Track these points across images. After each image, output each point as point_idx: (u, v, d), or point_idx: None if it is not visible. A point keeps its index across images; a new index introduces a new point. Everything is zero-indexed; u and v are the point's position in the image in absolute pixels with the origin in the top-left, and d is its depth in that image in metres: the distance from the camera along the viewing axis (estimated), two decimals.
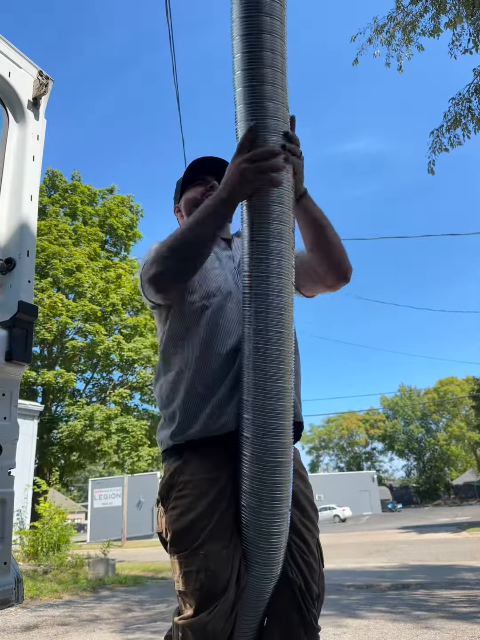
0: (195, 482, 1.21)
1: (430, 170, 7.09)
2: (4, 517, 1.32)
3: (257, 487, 1.11)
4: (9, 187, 1.53)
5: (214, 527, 1.15)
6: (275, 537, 1.13)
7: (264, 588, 1.18)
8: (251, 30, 1.11)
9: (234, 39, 1.15)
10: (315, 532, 1.34)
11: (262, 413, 1.10)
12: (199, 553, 1.14)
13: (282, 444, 1.11)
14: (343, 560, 9.70)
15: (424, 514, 30.51)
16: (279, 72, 1.13)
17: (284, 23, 1.16)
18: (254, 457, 1.11)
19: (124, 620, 4.65)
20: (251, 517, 1.13)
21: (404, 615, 4.09)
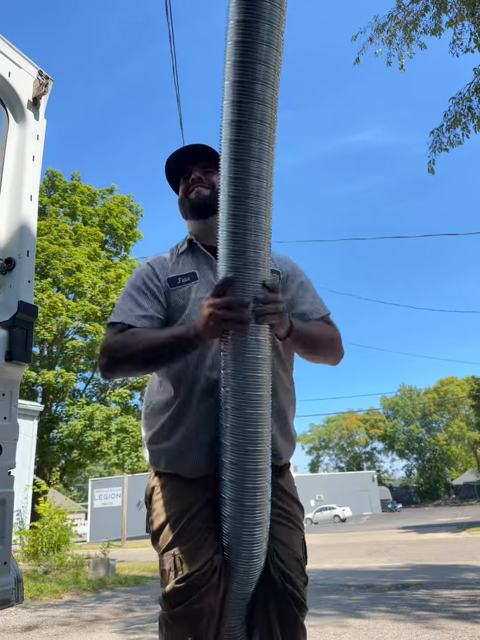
0: (170, 485, 1.30)
1: (430, 170, 7.09)
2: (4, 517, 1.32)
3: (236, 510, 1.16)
4: (9, 187, 1.53)
5: (184, 529, 1.22)
6: (256, 545, 1.17)
7: (248, 580, 1.21)
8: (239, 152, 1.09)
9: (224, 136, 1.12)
10: (302, 529, 1.38)
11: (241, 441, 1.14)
12: (170, 554, 1.21)
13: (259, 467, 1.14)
14: (343, 560, 9.69)
15: (424, 514, 30.49)
16: (263, 200, 1.11)
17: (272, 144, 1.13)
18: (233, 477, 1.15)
19: (125, 620, 4.64)
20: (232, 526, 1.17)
21: (405, 615, 4.09)
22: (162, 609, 1.19)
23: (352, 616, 4.18)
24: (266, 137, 1.09)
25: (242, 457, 1.12)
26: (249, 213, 1.09)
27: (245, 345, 1.11)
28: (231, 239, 1.10)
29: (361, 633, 3.56)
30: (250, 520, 1.14)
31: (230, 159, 1.09)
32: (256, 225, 1.09)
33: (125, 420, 18.44)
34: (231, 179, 1.09)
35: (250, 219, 1.09)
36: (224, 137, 1.11)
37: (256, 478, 1.13)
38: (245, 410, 1.12)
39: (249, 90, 1.06)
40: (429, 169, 7.06)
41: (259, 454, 1.13)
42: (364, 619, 4.05)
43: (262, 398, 1.13)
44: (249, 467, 1.12)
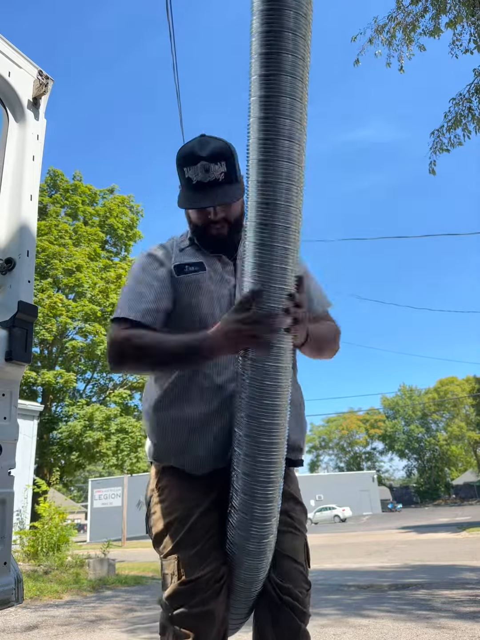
0: (172, 487, 1.26)
1: (431, 171, 7.10)
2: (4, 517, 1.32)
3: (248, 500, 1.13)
4: (9, 187, 1.53)
5: (187, 532, 1.19)
6: (264, 539, 1.16)
7: (254, 578, 1.20)
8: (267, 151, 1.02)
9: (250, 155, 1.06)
10: (304, 533, 1.35)
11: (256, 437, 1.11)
12: (172, 557, 1.18)
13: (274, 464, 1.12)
14: (343, 560, 9.70)
15: (424, 514, 30.49)
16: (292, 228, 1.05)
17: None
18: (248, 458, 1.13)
19: (126, 619, 4.65)
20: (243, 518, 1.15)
21: (405, 615, 4.09)
22: (164, 611, 1.17)
23: (352, 616, 4.18)
24: (296, 136, 1.02)
25: (256, 449, 1.10)
26: (278, 223, 1.02)
27: (267, 369, 1.07)
28: (258, 250, 1.04)
29: (361, 633, 3.56)
30: (261, 514, 1.12)
31: (258, 160, 1.03)
32: (285, 237, 1.04)
33: (124, 421, 18.43)
34: (260, 182, 1.03)
35: (279, 229, 1.03)
36: (252, 134, 1.04)
37: (270, 471, 1.11)
38: (261, 420, 1.08)
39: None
40: (430, 169, 7.07)
41: (273, 450, 1.10)
42: (364, 618, 4.05)
43: (281, 408, 1.10)
44: (262, 459, 1.10)
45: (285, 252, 1.04)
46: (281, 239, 1.03)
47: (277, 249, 1.03)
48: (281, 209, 1.02)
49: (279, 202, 1.02)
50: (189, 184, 1.30)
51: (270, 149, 1.01)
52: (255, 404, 1.08)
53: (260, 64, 1.01)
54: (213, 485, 1.24)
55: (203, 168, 1.27)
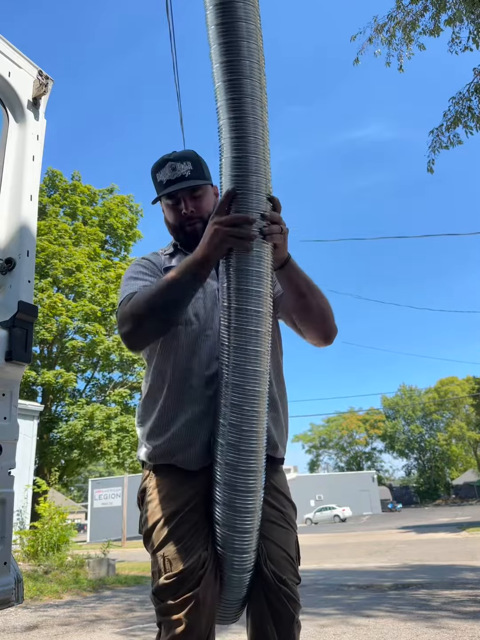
0: (161, 487, 1.29)
1: (429, 169, 7.10)
2: (4, 517, 1.32)
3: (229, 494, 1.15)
4: (9, 187, 1.53)
5: (174, 529, 1.21)
6: (248, 534, 1.17)
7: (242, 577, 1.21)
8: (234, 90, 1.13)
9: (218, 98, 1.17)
10: (295, 529, 1.37)
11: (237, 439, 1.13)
12: (159, 554, 1.21)
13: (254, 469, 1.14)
14: (343, 560, 9.70)
15: (424, 514, 30.49)
16: (260, 140, 1.13)
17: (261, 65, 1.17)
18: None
19: (126, 619, 4.65)
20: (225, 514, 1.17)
21: (405, 615, 4.09)
22: (154, 605, 1.21)
23: (352, 616, 4.19)
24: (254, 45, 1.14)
25: (238, 438, 1.12)
26: (249, 136, 1.11)
27: (248, 261, 1.12)
28: (234, 159, 1.12)
29: (361, 633, 3.56)
30: (243, 507, 1.14)
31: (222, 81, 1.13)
32: (255, 148, 1.12)
33: (125, 420, 18.43)
34: (228, 100, 1.13)
35: (250, 142, 1.11)
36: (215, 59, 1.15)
37: (249, 460, 1.13)
38: (243, 407, 1.12)
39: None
40: (428, 168, 7.07)
41: (253, 435, 1.13)
42: (364, 618, 4.06)
43: (263, 317, 1.13)
44: (243, 448, 1.12)
45: (257, 161, 1.12)
46: (252, 150, 1.12)
47: (250, 158, 1.11)
48: (249, 122, 1.12)
49: (247, 117, 1.12)
50: (161, 186, 1.45)
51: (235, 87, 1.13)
52: (238, 377, 1.12)
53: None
54: (202, 481, 1.26)
55: (170, 167, 1.43)
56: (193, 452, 1.27)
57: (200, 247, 1.17)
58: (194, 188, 1.42)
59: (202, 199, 1.45)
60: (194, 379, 1.30)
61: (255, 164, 1.12)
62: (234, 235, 1.11)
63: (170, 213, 1.47)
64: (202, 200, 1.45)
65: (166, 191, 1.42)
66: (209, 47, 1.17)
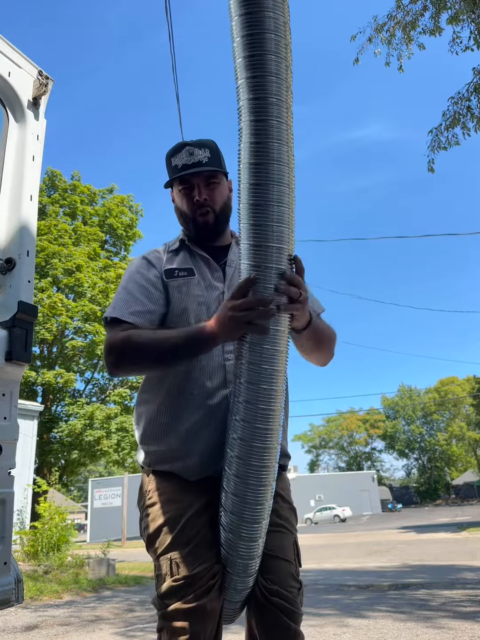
0: (163, 490, 1.26)
1: (430, 169, 7.11)
2: (4, 517, 1.32)
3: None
4: (9, 187, 1.53)
5: (180, 531, 1.19)
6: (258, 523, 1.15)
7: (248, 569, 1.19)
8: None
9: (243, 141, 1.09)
10: (293, 532, 1.35)
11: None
12: (165, 557, 1.18)
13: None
14: (343, 560, 9.70)
15: (424, 514, 30.49)
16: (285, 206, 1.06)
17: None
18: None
19: (125, 620, 4.65)
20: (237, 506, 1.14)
21: (405, 615, 4.09)
22: (158, 610, 1.17)
23: (352, 616, 4.18)
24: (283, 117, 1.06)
25: (249, 452, 1.09)
26: (270, 202, 1.03)
27: (262, 338, 1.07)
28: (252, 232, 1.05)
29: (361, 633, 3.56)
30: (250, 517, 1.13)
31: (249, 157, 1.06)
32: (279, 216, 1.04)
33: (125, 420, 18.45)
34: (252, 164, 1.06)
35: (272, 208, 1.03)
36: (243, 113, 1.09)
37: (261, 474, 1.10)
38: (258, 405, 1.07)
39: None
40: (429, 167, 7.08)
41: (266, 451, 1.10)
42: (364, 618, 4.06)
43: (277, 393, 1.08)
44: (254, 463, 1.09)
45: (280, 231, 1.05)
46: (275, 217, 1.04)
47: (271, 227, 1.04)
48: (274, 186, 1.04)
49: (270, 182, 1.04)
50: (175, 170, 1.39)
51: (261, 150, 1.05)
52: (252, 389, 1.07)
53: (245, 66, 1.06)
54: (205, 488, 1.24)
55: (187, 152, 1.38)
56: (191, 462, 1.25)
57: (209, 328, 1.13)
58: (209, 176, 1.38)
59: (217, 189, 1.40)
60: (195, 388, 1.27)
61: (277, 231, 1.04)
62: (249, 320, 1.05)
63: (182, 200, 1.41)
64: (216, 191, 1.40)
65: (181, 174, 1.37)
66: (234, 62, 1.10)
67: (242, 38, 1.06)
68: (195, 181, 1.38)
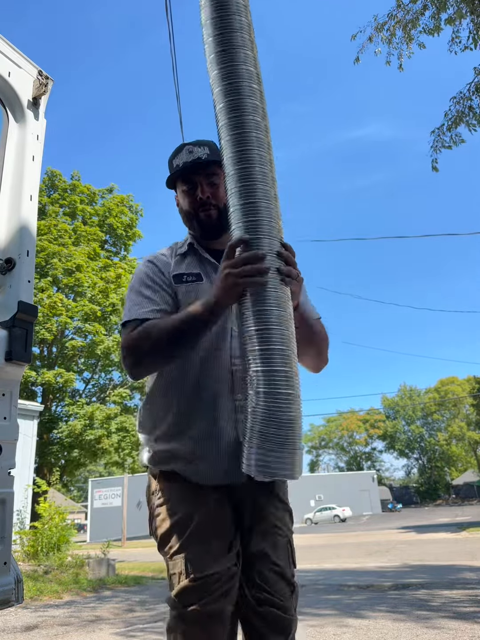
0: (174, 488, 1.25)
1: (434, 168, 7.14)
2: (4, 517, 1.31)
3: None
4: (9, 187, 1.53)
5: (194, 530, 1.18)
6: None
7: None
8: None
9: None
10: (287, 533, 1.32)
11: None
12: (180, 557, 1.16)
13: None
14: (343, 560, 9.70)
15: (424, 514, 30.49)
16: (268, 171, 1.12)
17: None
18: None
19: (125, 620, 4.65)
20: None
21: (405, 615, 4.09)
22: (172, 609, 1.15)
23: (352, 616, 4.18)
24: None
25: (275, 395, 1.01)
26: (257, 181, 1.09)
27: (267, 300, 1.05)
28: (242, 210, 1.09)
29: (361, 633, 3.56)
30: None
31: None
32: (264, 191, 1.09)
33: (125, 420, 18.44)
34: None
35: (258, 187, 1.09)
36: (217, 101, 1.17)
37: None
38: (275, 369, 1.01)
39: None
40: (433, 167, 7.10)
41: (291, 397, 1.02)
42: (364, 619, 4.05)
43: (290, 358, 1.04)
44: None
45: (268, 207, 1.09)
46: (262, 194, 1.09)
47: (261, 202, 1.09)
48: (255, 163, 1.11)
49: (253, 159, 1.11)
50: (176, 170, 1.43)
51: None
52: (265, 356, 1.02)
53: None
54: (216, 487, 1.23)
55: (187, 151, 1.43)
56: (202, 466, 1.23)
57: (211, 293, 1.14)
58: (211, 174, 1.41)
59: (219, 187, 1.41)
60: (204, 392, 1.26)
61: (266, 209, 1.08)
62: (245, 274, 1.04)
63: (185, 199, 1.44)
64: (219, 188, 1.41)
65: (182, 170, 1.42)
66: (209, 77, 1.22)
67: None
68: (197, 179, 1.41)
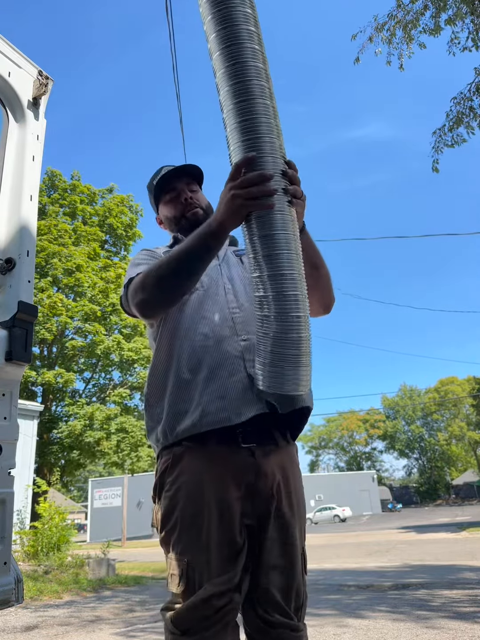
0: (183, 481, 1.18)
1: (434, 169, 7.14)
2: (4, 517, 1.31)
3: None
4: (9, 187, 1.53)
5: (199, 533, 1.13)
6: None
7: None
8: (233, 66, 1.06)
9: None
10: (301, 542, 1.27)
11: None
12: (181, 560, 1.12)
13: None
14: (343, 560, 9.70)
15: (424, 514, 30.50)
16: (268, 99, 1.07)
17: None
18: None
19: (125, 620, 4.65)
20: None
21: (405, 615, 4.09)
22: (168, 631, 1.11)
23: (352, 616, 4.18)
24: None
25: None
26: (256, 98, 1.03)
27: (274, 223, 1.01)
28: (241, 129, 1.03)
29: (361, 633, 3.56)
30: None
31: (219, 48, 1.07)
32: (265, 110, 1.04)
33: (125, 421, 18.43)
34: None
35: (259, 107, 1.03)
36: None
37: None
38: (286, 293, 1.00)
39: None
40: (433, 168, 7.10)
41: (302, 321, 1.03)
42: (364, 619, 4.05)
43: (299, 281, 1.01)
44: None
45: (269, 122, 1.04)
46: (263, 112, 1.03)
47: (260, 118, 1.03)
48: (254, 84, 1.04)
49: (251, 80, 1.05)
50: (157, 187, 1.53)
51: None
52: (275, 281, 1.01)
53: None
54: (228, 475, 1.16)
55: (165, 167, 1.56)
56: (214, 407, 1.17)
57: (215, 216, 1.09)
58: (190, 183, 1.52)
59: (199, 193, 1.53)
60: (206, 341, 1.25)
61: (266, 125, 1.03)
62: (252, 195, 0.99)
63: (170, 207, 1.52)
64: (200, 194, 1.53)
65: (166, 178, 1.50)
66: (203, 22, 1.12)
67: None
68: (179, 186, 1.51)
